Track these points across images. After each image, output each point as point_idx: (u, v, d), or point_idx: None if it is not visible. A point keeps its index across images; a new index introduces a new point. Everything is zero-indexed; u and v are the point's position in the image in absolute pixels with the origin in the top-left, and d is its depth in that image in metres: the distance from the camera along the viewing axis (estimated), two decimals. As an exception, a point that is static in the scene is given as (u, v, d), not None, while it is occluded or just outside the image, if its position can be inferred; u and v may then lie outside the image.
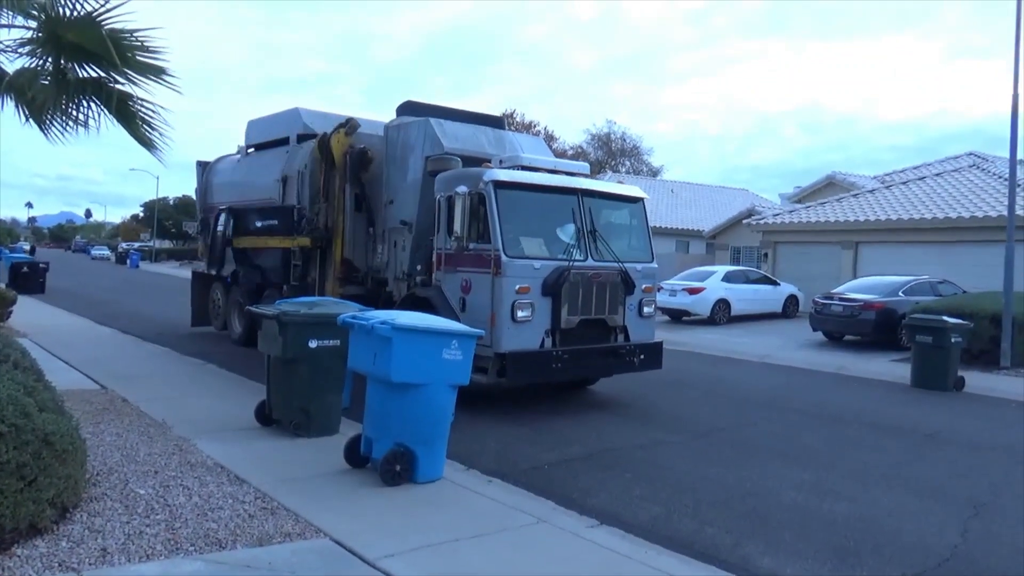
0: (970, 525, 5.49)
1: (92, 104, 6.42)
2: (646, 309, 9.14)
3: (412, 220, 9.42)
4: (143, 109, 6.53)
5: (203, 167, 14.76)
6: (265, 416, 6.91)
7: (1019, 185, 17.36)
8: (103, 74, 6.33)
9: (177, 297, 25.51)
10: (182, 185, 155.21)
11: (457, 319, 7.64)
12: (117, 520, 4.43)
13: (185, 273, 45.18)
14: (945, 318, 11.96)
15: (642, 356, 8.92)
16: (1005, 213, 14.52)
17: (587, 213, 8.68)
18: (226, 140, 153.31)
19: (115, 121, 6.56)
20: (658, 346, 9.25)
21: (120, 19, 5.92)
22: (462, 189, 8.01)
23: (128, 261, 53.80)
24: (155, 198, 70.34)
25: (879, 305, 16.03)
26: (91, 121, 6.45)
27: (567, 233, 8.58)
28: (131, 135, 6.68)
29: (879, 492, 6.19)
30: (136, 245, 66.37)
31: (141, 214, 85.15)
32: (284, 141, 12.17)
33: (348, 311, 6.37)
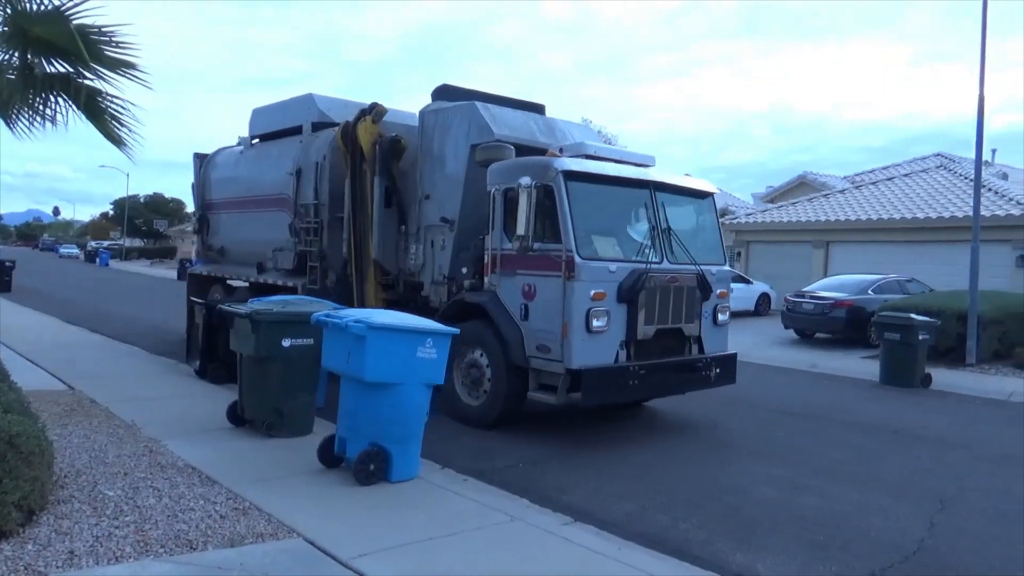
0: (936, 519, 5.60)
1: (60, 99, 6.31)
2: (721, 317, 8.23)
3: (454, 217, 8.47)
4: (112, 105, 6.42)
5: (200, 160, 13.56)
6: (237, 416, 6.84)
7: (984, 186, 17.75)
8: (71, 69, 6.22)
9: (148, 296, 25.19)
10: (153, 183, 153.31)
11: (516, 329, 7.27)
12: (85, 522, 4.36)
13: (157, 272, 44.64)
14: (913, 316, 12.19)
15: (718, 370, 8.03)
16: (971, 213, 14.81)
17: (660, 208, 7.74)
18: (200, 137, 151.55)
19: (84, 117, 6.44)
20: (733, 358, 8.35)
21: (89, 14, 5.83)
22: (526, 181, 6.98)
23: (98, 260, 52.97)
24: (125, 196, 69.30)
25: (849, 303, 16.28)
26: (59, 117, 6.34)
27: (640, 231, 7.70)
28: (100, 132, 6.56)
29: (849, 488, 6.29)
30: (106, 243, 65.36)
31: (111, 212, 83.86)
32: (296, 131, 10.99)
33: (322, 309, 6.33)
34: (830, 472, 6.74)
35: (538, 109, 9.54)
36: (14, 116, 6.27)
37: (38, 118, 6.32)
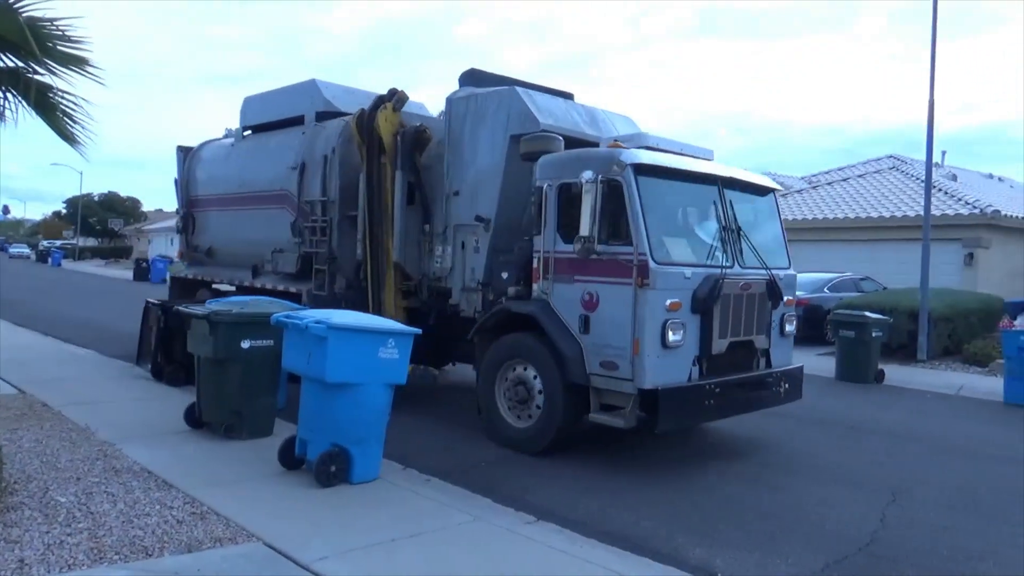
0: (888, 511, 5.75)
1: (9, 95, 6.13)
2: (788, 327, 7.51)
3: (490, 215, 7.61)
4: (64, 101, 6.25)
5: (185, 154, 12.53)
6: (195, 419, 6.73)
7: (935, 187, 18.26)
8: (21, 64, 6.04)
9: (103, 297, 24.59)
10: (108, 181, 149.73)
11: (575, 343, 6.48)
12: (36, 530, 4.26)
13: (112, 272, 43.58)
14: (867, 314, 12.50)
15: (786, 385, 7.33)
16: (922, 213, 15.22)
17: (729, 206, 7.01)
18: (158, 135, 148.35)
19: (34, 113, 6.26)
20: (800, 372, 7.68)
21: (39, 7, 5.67)
22: (588, 176, 6.23)
23: (50, 260, 51.53)
24: (79, 194, 67.56)
25: (805, 301, 16.58)
26: (8, 113, 6.14)
27: (708, 232, 6.99)
28: (52, 128, 6.38)
29: (806, 482, 6.43)
30: (59, 243, 63.62)
31: (64, 211, 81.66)
32: (297, 121, 10.14)
33: (282, 310, 6.26)
34: (788, 466, 6.88)
35: (568, 97, 8.56)
36: (-40, 112, 6.08)
37: (-15, 114, 6.13)
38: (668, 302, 6.18)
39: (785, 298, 7.34)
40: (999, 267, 19.45)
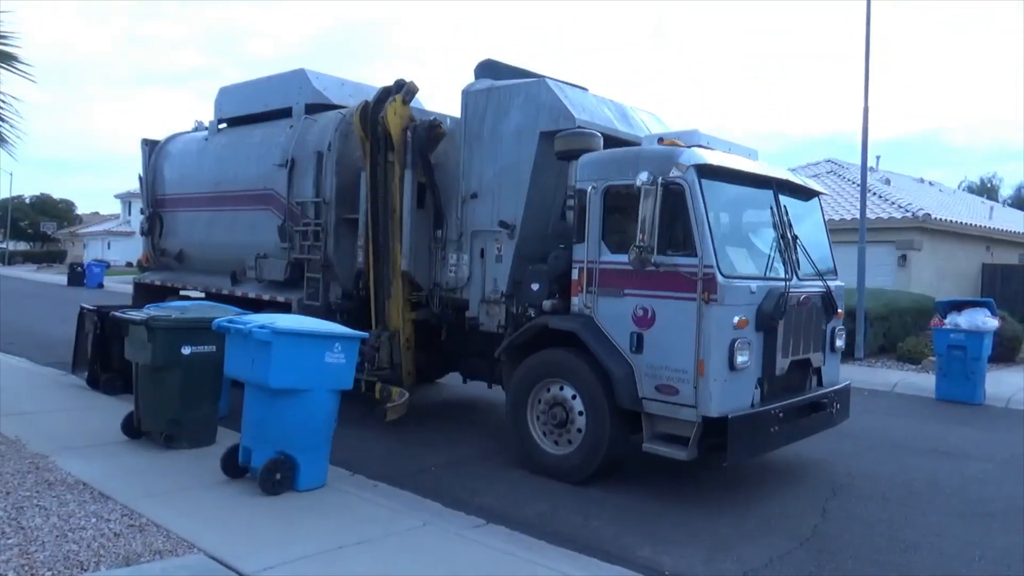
0: (828, 505, 5.92)
1: (-71, 92, 5.87)
2: (838, 342, 6.95)
3: (515, 221, 6.91)
4: (-9, 99, 6.02)
5: (151, 148, 11.56)
6: (133, 428, 6.51)
7: (870, 191, 18.90)
8: (-56, 60, 5.79)
9: (35, 303, 23.65)
10: (40, 183, 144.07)
11: (625, 363, 5.83)
12: (-39, 547, 4.06)
13: (44, 277, 41.97)
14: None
15: (838, 405, 6.82)
16: (858, 216, 15.73)
17: (784, 212, 6.41)
18: (94, 135, 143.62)
19: (-43, 111, 6.01)
20: (848, 391, 7.21)
21: (-38, 2, 5.44)
22: (644, 178, 5.57)
23: (-24, 264, 49.38)
24: (8, 196, 64.89)
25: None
26: (-71, 111, 5.89)
27: (764, 240, 6.37)
28: (-23, 127, 6.13)
29: (748, 479, 6.57)
30: (-14, 247, 61.03)
31: (-8, 213, 78.36)
32: (284, 113, 9.35)
33: (225, 315, 6.12)
34: (730, 466, 7.01)
35: (583, 91, 7.69)
36: None
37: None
38: (736, 319, 5.56)
39: (838, 311, 6.86)
40: (930, 268, 20.23)
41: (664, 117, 8.38)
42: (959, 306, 11.41)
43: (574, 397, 6.17)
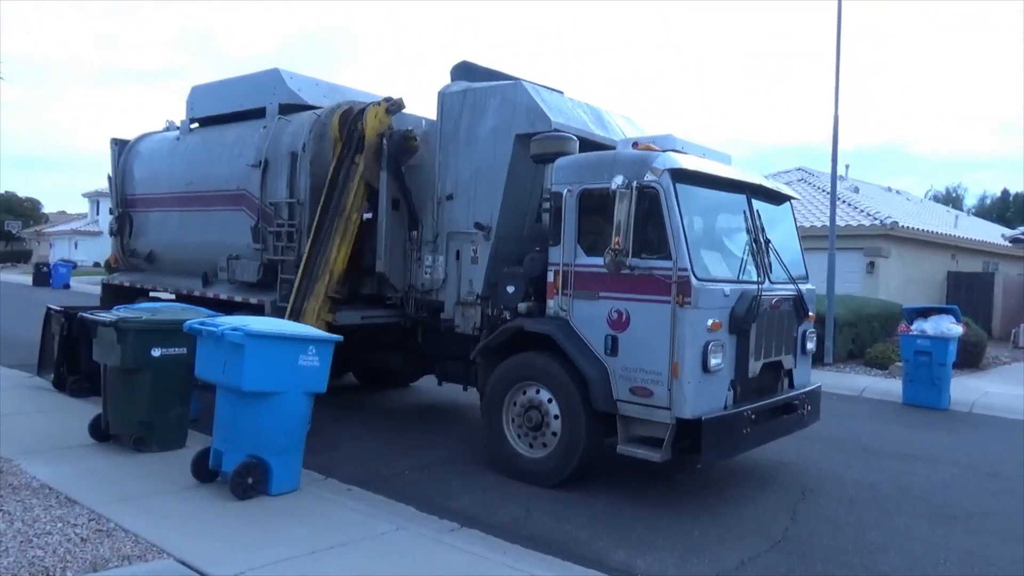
0: (798, 508, 6.00)
1: None
2: (809, 344, 7.06)
3: (490, 222, 6.97)
4: (-45, 95, 5.89)
5: (120, 147, 11.35)
6: (101, 431, 6.40)
7: (839, 199, 19.19)
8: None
9: (-2, 304, 23.15)
10: (5, 180, 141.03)
11: (600, 365, 5.88)
12: (-78, 553, 3.96)
13: (8, 277, 41.03)
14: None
15: (809, 407, 6.90)
16: (828, 223, 15.98)
17: (758, 216, 6.54)
18: (62, 133, 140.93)
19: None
20: (819, 392, 7.28)
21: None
22: (619, 181, 5.61)
23: (-62, 264, 48.16)
24: (-29, 194, 63.44)
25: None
26: None
27: (737, 244, 6.48)
28: (-59, 123, 6.00)
29: (720, 482, 6.63)
30: (-52, 246, 59.57)
31: (-46, 212, 76.51)
32: (257, 113, 9.21)
33: (195, 317, 6.04)
34: (701, 469, 7.06)
35: (559, 94, 7.75)
36: None
37: None
38: (710, 322, 5.63)
39: (808, 314, 6.98)
40: (897, 275, 20.61)
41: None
42: (925, 313, 11.63)
43: (550, 400, 6.19)
